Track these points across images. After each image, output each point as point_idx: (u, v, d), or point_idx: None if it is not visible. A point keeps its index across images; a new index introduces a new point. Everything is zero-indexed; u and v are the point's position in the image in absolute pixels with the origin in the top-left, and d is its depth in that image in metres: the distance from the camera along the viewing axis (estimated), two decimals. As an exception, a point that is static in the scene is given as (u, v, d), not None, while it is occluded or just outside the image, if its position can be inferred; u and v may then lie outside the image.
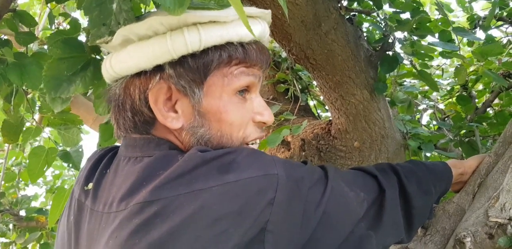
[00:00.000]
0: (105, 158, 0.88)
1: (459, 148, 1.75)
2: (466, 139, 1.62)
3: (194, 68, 0.78)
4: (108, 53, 0.88)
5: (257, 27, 0.82)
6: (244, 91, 0.83)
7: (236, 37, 0.79)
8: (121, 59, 0.78)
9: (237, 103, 0.82)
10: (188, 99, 0.79)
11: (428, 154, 1.89)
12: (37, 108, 1.36)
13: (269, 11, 0.86)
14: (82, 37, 1.05)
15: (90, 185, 0.82)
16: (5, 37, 1.04)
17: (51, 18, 1.03)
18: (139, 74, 0.79)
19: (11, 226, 2.15)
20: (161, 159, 0.76)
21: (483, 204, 1.09)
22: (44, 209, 2.31)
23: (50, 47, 0.88)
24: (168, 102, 0.80)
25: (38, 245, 2.19)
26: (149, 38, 0.77)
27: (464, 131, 1.67)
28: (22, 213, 2.40)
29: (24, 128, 1.25)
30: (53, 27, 1.09)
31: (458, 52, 1.46)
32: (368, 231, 0.84)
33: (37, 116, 1.47)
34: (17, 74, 0.94)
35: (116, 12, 0.75)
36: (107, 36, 0.73)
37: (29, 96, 1.24)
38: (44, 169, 1.30)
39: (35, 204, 2.78)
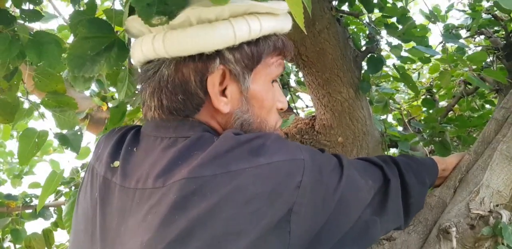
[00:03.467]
0: (127, 136, 0.89)
1: (427, 147, 1.87)
2: (438, 139, 1.74)
3: (250, 55, 0.82)
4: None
5: (290, 21, 0.87)
6: (274, 80, 0.89)
7: (280, 29, 0.85)
8: (181, 39, 0.79)
9: (271, 91, 0.88)
10: (238, 85, 0.83)
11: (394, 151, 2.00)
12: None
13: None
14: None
15: (117, 163, 0.83)
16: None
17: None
18: (193, 57, 0.80)
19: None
20: (196, 141, 0.79)
21: (464, 197, 1.18)
22: (13, 195, 2.24)
23: (73, 27, 0.88)
24: (219, 86, 0.83)
25: (3, 230, 2.13)
26: (210, 23, 0.79)
27: (436, 131, 1.78)
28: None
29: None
30: (76, 7, 1.07)
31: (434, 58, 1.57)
32: (373, 217, 0.91)
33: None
34: (36, 52, 0.92)
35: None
36: (157, 15, 0.73)
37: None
38: (34, 152, 1.27)
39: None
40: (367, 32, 1.62)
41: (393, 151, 2.10)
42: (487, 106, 2.35)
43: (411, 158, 1.13)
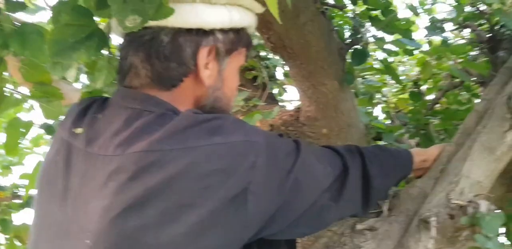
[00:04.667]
0: (93, 105, 0.94)
1: (412, 139, 1.89)
2: (422, 131, 1.76)
3: (233, 41, 0.93)
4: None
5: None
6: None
7: (252, 26, 0.99)
8: (183, 13, 0.86)
9: (237, 77, 1.01)
10: (218, 64, 0.93)
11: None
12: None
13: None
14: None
15: (79, 130, 0.89)
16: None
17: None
18: (191, 30, 0.88)
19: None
20: (159, 116, 0.84)
21: (445, 188, 1.20)
22: (2, 185, 2.25)
23: (55, 15, 0.89)
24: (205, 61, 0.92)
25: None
26: (212, 4, 0.88)
27: (420, 123, 1.80)
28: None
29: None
30: None
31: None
32: (329, 202, 0.95)
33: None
34: (19, 42, 0.93)
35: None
36: (132, 15, 0.75)
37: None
38: (20, 141, 1.28)
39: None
40: (357, 23, 1.63)
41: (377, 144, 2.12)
42: (476, 100, 2.37)
43: (382, 149, 1.18)
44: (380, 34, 1.61)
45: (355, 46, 1.62)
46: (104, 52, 0.96)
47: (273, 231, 0.87)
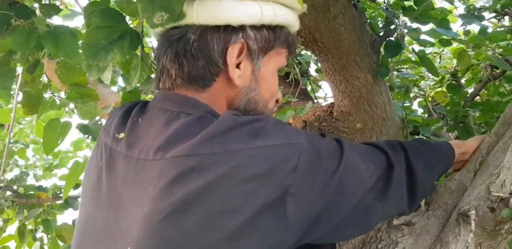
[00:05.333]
0: (134, 109, 0.94)
1: (450, 133, 1.84)
2: (461, 124, 1.71)
3: (267, 38, 0.90)
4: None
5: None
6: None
7: (293, 26, 0.95)
8: (213, 8, 0.85)
9: (276, 78, 0.96)
10: (252, 63, 0.90)
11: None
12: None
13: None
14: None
15: (122, 134, 0.88)
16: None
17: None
18: (219, 27, 0.86)
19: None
20: (198, 119, 0.83)
21: (485, 180, 1.16)
22: (44, 187, 2.33)
23: (87, 17, 0.91)
24: (236, 59, 0.88)
25: (36, 221, 2.22)
26: (241, 0, 0.86)
27: (459, 116, 1.75)
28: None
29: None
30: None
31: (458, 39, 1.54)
32: (374, 202, 0.91)
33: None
34: (52, 43, 0.96)
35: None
36: (159, 12, 0.76)
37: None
38: (58, 142, 1.32)
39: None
40: (385, 16, 1.60)
41: (417, 138, 2.08)
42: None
43: (424, 143, 1.12)
44: (415, 25, 1.57)
45: (389, 38, 1.59)
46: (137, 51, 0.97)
47: (319, 234, 0.84)
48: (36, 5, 1.20)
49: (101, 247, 0.83)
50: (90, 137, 1.26)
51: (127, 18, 1.00)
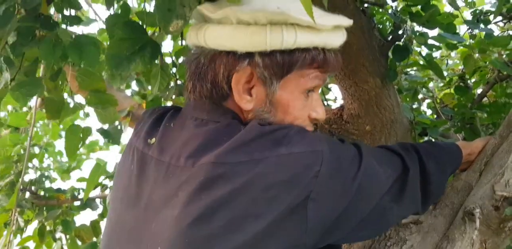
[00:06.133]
0: (167, 115, 0.98)
1: (458, 134, 1.88)
2: (468, 125, 1.75)
3: (280, 63, 0.86)
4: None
5: (342, 37, 0.91)
6: (310, 90, 0.93)
7: (322, 44, 0.87)
8: (218, 35, 0.86)
9: (303, 100, 0.91)
10: (265, 88, 0.88)
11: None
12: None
13: (351, 21, 0.93)
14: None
15: (154, 140, 0.92)
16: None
17: (109, 2, 1.11)
18: (227, 52, 0.87)
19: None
20: (226, 127, 0.86)
21: (489, 180, 1.20)
22: (62, 189, 2.40)
23: (110, 29, 0.97)
24: (246, 85, 0.88)
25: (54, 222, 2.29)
26: (248, 25, 0.84)
27: (466, 117, 1.79)
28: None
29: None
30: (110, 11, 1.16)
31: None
32: (390, 203, 0.95)
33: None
34: (77, 53, 1.02)
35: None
36: (175, 20, 0.82)
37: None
38: (79, 146, 1.38)
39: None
40: (393, 21, 1.65)
41: (425, 139, 2.11)
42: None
43: (434, 145, 1.16)
44: (422, 29, 1.61)
45: (397, 43, 1.63)
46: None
47: (336, 237, 0.88)
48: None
49: (131, 247, 0.88)
50: (110, 141, 1.33)
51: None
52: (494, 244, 1.15)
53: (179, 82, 1.26)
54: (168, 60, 2.45)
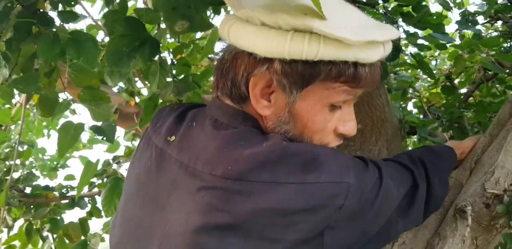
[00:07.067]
0: (189, 112, 0.95)
1: (445, 133, 1.91)
2: (456, 124, 1.78)
3: (301, 74, 0.79)
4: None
5: (379, 52, 0.81)
6: (336, 105, 0.85)
7: (353, 59, 0.78)
8: (240, 34, 0.81)
9: (326, 114, 0.85)
10: (284, 96, 0.82)
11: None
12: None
13: (398, 34, 0.86)
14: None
15: (173, 138, 0.89)
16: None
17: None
18: (250, 53, 0.81)
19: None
20: (244, 133, 0.84)
21: (480, 178, 1.23)
22: (50, 186, 2.38)
23: (109, 25, 0.96)
24: (266, 89, 0.83)
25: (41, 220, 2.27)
26: (270, 29, 0.78)
27: (454, 117, 1.82)
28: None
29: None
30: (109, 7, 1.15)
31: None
32: (397, 218, 0.94)
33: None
34: (75, 50, 1.01)
35: (186, -5, 0.83)
36: (180, 20, 0.81)
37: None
38: (72, 143, 1.37)
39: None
40: (383, 21, 1.67)
41: (414, 138, 2.15)
42: (511, 92, 2.36)
43: (434, 153, 1.14)
44: (412, 29, 1.64)
45: (387, 42, 1.65)
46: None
47: None
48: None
49: (143, 244, 0.86)
50: (104, 138, 1.32)
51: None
52: (485, 241, 1.17)
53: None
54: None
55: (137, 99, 2.66)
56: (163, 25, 1.05)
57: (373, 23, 0.84)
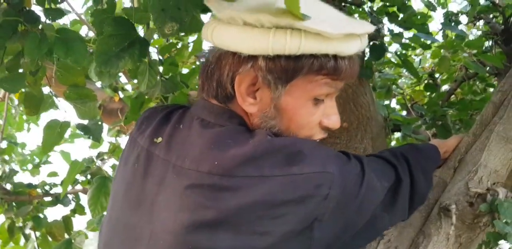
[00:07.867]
0: (174, 114, 0.96)
1: (429, 130, 1.94)
2: (440, 122, 1.81)
3: (284, 68, 0.82)
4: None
5: (357, 45, 0.85)
6: (319, 98, 0.88)
7: (333, 52, 0.82)
8: (223, 35, 0.84)
9: (310, 107, 0.88)
10: (269, 92, 0.85)
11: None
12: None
13: (373, 28, 0.88)
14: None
15: (160, 139, 0.91)
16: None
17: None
18: (233, 53, 0.84)
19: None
20: (232, 130, 0.86)
21: (464, 177, 1.25)
22: (33, 184, 2.35)
23: (97, 24, 0.95)
24: (251, 87, 0.86)
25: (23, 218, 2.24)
26: (253, 28, 0.81)
27: (437, 115, 1.85)
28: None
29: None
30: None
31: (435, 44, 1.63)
32: (382, 213, 0.96)
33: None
34: (63, 49, 1.00)
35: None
36: (169, 21, 0.81)
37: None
38: (57, 141, 1.36)
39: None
40: (369, 20, 1.68)
41: (397, 135, 2.18)
42: (491, 89, 2.41)
43: (418, 150, 1.16)
44: (397, 29, 1.66)
45: (373, 41, 1.67)
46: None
47: (335, 248, 0.89)
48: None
49: (130, 244, 0.87)
50: (90, 137, 1.31)
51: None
52: (469, 239, 1.20)
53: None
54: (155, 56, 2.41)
55: (121, 95, 2.63)
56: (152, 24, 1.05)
57: (346, 18, 0.88)
